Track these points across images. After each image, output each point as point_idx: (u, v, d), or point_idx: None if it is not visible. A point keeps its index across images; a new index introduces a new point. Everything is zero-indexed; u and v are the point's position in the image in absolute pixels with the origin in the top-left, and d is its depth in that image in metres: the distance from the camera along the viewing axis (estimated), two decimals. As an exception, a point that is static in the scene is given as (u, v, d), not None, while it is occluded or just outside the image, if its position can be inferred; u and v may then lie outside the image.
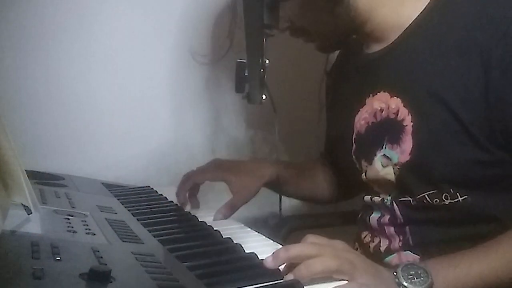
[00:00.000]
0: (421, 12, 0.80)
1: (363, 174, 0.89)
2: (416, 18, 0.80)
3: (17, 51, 1.09)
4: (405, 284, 0.66)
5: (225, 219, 0.94)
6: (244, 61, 0.71)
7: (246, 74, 0.73)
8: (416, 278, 0.66)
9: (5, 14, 1.06)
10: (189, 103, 1.26)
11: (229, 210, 0.95)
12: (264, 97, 0.77)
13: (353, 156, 0.91)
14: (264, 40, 0.68)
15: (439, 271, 0.68)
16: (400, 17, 0.82)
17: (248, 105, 0.77)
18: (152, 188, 1.11)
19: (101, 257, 0.57)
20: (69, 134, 1.15)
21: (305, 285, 0.59)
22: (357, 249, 0.95)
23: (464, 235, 0.78)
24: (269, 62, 0.71)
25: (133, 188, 1.12)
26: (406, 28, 0.81)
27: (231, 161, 1.07)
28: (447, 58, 0.75)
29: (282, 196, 1.05)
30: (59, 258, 0.54)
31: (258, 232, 0.84)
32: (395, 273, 0.67)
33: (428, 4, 0.80)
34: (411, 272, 0.67)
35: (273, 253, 0.63)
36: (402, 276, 0.66)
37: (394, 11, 0.82)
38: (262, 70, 0.71)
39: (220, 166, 1.01)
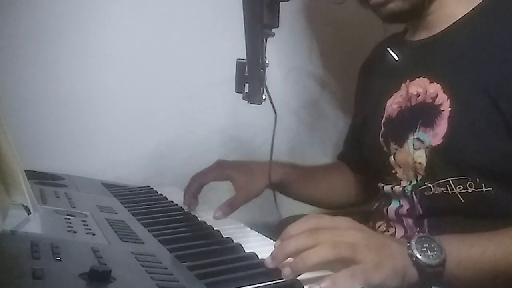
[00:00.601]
0: (471, 10, 0.84)
1: (391, 157, 0.90)
2: (465, 15, 0.85)
3: (16, 51, 1.09)
4: (419, 256, 0.64)
5: (225, 217, 0.93)
6: (244, 61, 0.71)
7: (246, 74, 0.73)
8: (430, 252, 0.65)
9: (4, 14, 1.06)
10: (189, 103, 1.26)
11: (229, 208, 0.94)
12: (264, 97, 0.76)
13: (381, 139, 0.92)
14: (264, 40, 0.68)
15: (453, 248, 0.68)
16: (453, 11, 0.86)
17: (248, 105, 0.77)
18: (152, 188, 1.11)
19: (101, 257, 0.57)
20: (69, 134, 1.15)
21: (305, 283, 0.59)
22: None
23: (481, 229, 0.76)
24: (269, 62, 0.71)
25: (133, 188, 1.12)
26: (456, 21, 0.85)
27: (235, 161, 1.07)
28: (493, 52, 0.78)
29: (282, 197, 1.05)
30: (59, 258, 0.54)
31: (258, 232, 0.84)
32: (408, 244, 0.66)
33: (479, 4, 0.84)
34: (425, 245, 0.66)
35: (271, 253, 0.63)
36: (416, 248, 0.65)
37: (451, 3, 0.87)
38: (262, 70, 0.71)
39: (224, 165, 1.01)
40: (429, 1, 0.88)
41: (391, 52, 0.95)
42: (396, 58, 0.94)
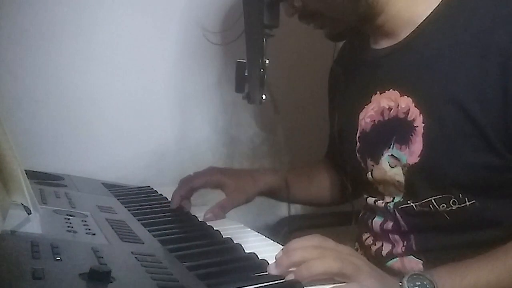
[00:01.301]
0: (433, 11, 0.78)
1: (369, 173, 0.86)
2: (428, 17, 0.78)
3: (17, 51, 1.09)
4: None
5: (215, 219, 0.91)
6: (244, 61, 0.71)
7: (246, 74, 0.73)
8: None
9: (5, 14, 1.06)
10: (189, 103, 1.26)
11: (220, 210, 0.93)
12: (264, 97, 0.76)
13: (358, 155, 0.89)
14: (264, 40, 0.68)
15: (445, 282, 0.67)
16: (412, 14, 0.79)
17: (248, 105, 0.77)
18: (152, 188, 1.11)
19: (101, 257, 0.57)
20: (69, 134, 1.15)
21: (306, 286, 0.59)
22: (357, 250, 0.94)
23: (468, 241, 0.76)
24: (269, 62, 0.71)
25: (133, 188, 1.12)
26: (418, 26, 0.79)
27: (227, 168, 1.06)
28: (463, 58, 0.73)
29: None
30: (59, 258, 0.54)
31: (258, 232, 0.84)
32: (400, 284, 0.66)
33: (441, 2, 0.77)
34: (417, 283, 0.66)
35: (275, 260, 0.63)
36: (408, 286, 0.65)
37: (408, 6, 0.80)
38: (262, 70, 0.71)
39: (217, 171, 1.01)
40: (369, 16, 0.81)
41: (339, 73, 0.92)
42: (344, 81, 0.91)
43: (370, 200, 0.89)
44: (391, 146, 0.80)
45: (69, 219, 0.73)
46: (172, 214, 0.91)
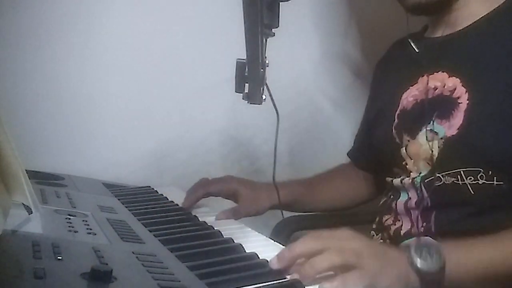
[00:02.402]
0: (493, 10, 0.86)
1: (403, 148, 0.91)
2: (486, 14, 0.86)
3: (17, 51, 1.09)
4: (418, 263, 0.65)
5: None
6: (244, 60, 0.71)
7: (246, 74, 0.73)
8: (429, 257, 0.66)
9: (5, 14, 1.06)
10: (189, 103, 1.26)
11: (232, 215, 0.96)
12: (264, 97, 0.77)
13: (394, 131, 0.93)
14: (264, 40, 0.68)
15: (451, 252, 0.68)
16: (476, 9, 0.87)
17: (248, 105, 0.77)
18: (152, 188, 1.11)
19: (102, 257, 0.57)
20: (69, 134, 1.15)
21: (312, 284, 0.59)
22: (374, 235, 0.96)
23: (486, 225, 0.78)
24: (269, 62, 0.71)
25: (134, 188, 1.12)
26: (477, 20, 0.87)
27: (245, 179, 1.07)
28: None
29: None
30: (60, 257, 0.54)
31: (259, 232, 0.85)
32: (407, 251, 0.67)
33: (500, 5, 0.86)
34: (423, 251, 0.67)
35: (277, 254, 0.63)
36: (415, 254, 0.66)
37: (475, 2, 0.88)
38: (262, 70, 0.71)
39: (234, 180, 1.03)
40: None
41: (412, 44, 0.95)
42: (417, 50, 0.94)
43: (396, 181, 0.93)
44: (432, 121, 0.85)
45: (70, 219, 0.73)
46: (173, 214, 0.91)
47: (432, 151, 0.84)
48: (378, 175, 1.06)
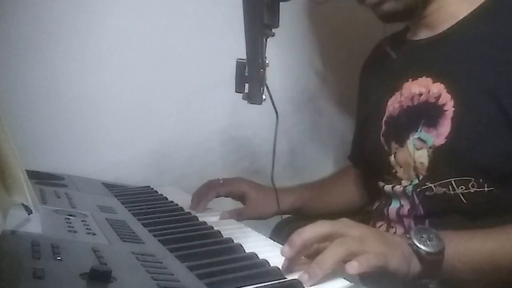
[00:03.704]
0: (475, 9, 0.84)
1: (392, 156, 0.90)
2: (467, 15, 0.84)
3: (16, 51, 1.09)
4: (418, 244, 0.67)
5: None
6: (244, 60, 0.71)
7: (246, 74, 0.73)
8: (429, 241, 0.67)
9: (5, 14, 1.06)
10: (189, 103, 1.26)
11: (236, 216, 0.96)
12: (264, 97, 0.77)
13: (382, 138, 0.92)
14: (264, 40, 0.68)
15: (451, 240, 0.69)
16: (456, 10, 0.86)
17: (248, 105, 0.77)
18: (152, 188, 1.11)
19: (102, 257, 0.57)
20: (69, 134, 1.15)
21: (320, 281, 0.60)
22: None
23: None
24: (269, 62, 0.71)
25: (133, 188, 1.12)
26: (458, 21, 0.85)
27: (254, 182, 1.08)
28: (497, 53, 0.78)
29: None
30: (59, 258, 0.54)
31: (258, 233, 0.84)
32: (407, 235, 0.68)
33: (483, 3, 0.84)
34: (423, 235, 0.68)
35: (287, 241, 0.64)
36: (415, 238, 0.68)
37: (454, 2, 0.86)
38: (262, 70, 0.71)
39: (244, 182, 1.03)
40: (424, 2, 0.87)
41: (390, 51, 0.95)
42: (395, 57, 0.94)
43: (388, 187, 0.92)
44: (419, 129, 0.84)
45: (69, 219, 0.73)
46: (173, 214, 0.91)
47: (421, 162, 0.83)
48: (372, 180, 1.05)
